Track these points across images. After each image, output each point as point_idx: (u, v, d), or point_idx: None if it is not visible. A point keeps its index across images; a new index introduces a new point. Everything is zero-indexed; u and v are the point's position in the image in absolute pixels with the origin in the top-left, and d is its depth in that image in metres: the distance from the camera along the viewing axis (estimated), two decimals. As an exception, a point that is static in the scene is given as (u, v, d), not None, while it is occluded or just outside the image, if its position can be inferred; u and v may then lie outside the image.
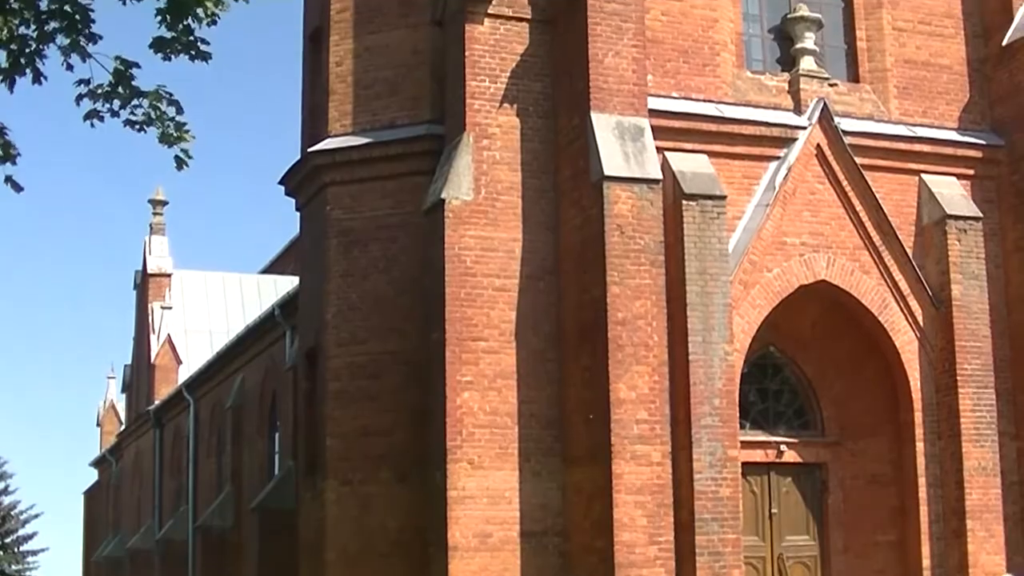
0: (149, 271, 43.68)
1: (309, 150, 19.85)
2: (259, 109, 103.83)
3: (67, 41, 9.98)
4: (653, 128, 17.39)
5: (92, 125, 10.26)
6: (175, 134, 10.15)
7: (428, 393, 17.62)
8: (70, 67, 10.09)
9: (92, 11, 9.78)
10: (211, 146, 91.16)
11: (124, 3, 10.41)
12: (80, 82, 10.11)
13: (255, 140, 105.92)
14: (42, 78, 10.14)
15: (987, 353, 18.89)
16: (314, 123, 20.43)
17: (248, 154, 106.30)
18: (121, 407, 53.13)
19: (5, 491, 55.85)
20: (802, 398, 19.56)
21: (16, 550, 55.33)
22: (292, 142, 22.59)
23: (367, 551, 18.48)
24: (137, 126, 10.17)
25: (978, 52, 20.41)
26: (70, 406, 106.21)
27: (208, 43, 10.07)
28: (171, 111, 10.15)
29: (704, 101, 18.56)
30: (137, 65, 10.11)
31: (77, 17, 9.89)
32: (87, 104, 10.20)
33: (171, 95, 10.16)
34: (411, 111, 19.34)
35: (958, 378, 18.57)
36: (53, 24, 9.95)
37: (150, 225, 44.32)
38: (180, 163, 10.33)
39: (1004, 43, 20.03)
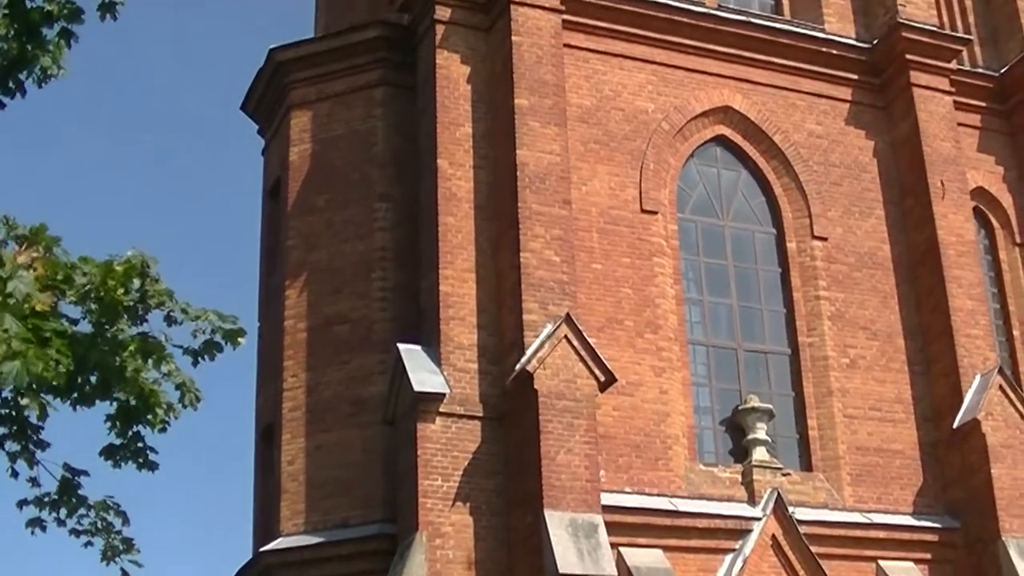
0: None
1: (261, 549, 20.13)
2: (209, 505, 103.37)
3: (16, 447, 10.30)
4: (607, 524, 17.82)
5: (33, 533, 10.46)
6: (121, 547, 10.42)
7: None
8: (15, 473, 10.35)
9: (42, 428, 10.18)
10: (159, 543, 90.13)
11: (75, 409, 10.95)
12: (29, 479, 10.36)
13: (204, 538, 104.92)
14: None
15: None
16: (266, 520, 20.81)
17: (198, 552, 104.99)
18: None
19: None
20: None
21: None
22: (244, 537, 22.89)
23: None
24: (83, 537, 10.44)
25: (929, 436, 21.26)
26: None
27: (157, 452, 10.47)
28: (118, 522, 10.46)
29: (658, 495, 19.14)
30: (86, 473, 10.41)
31: (27, 423, 10.29)
32: (30, 510, 10.44)
33: (118, 505, 10.46)
34: (363, 510, 19.76)
35: None
36: (0, 430, 10.28)
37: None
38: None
39: (955, 426, 20.88)
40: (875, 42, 23.36)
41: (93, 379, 9.76)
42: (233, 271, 59.11)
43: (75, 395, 9.92)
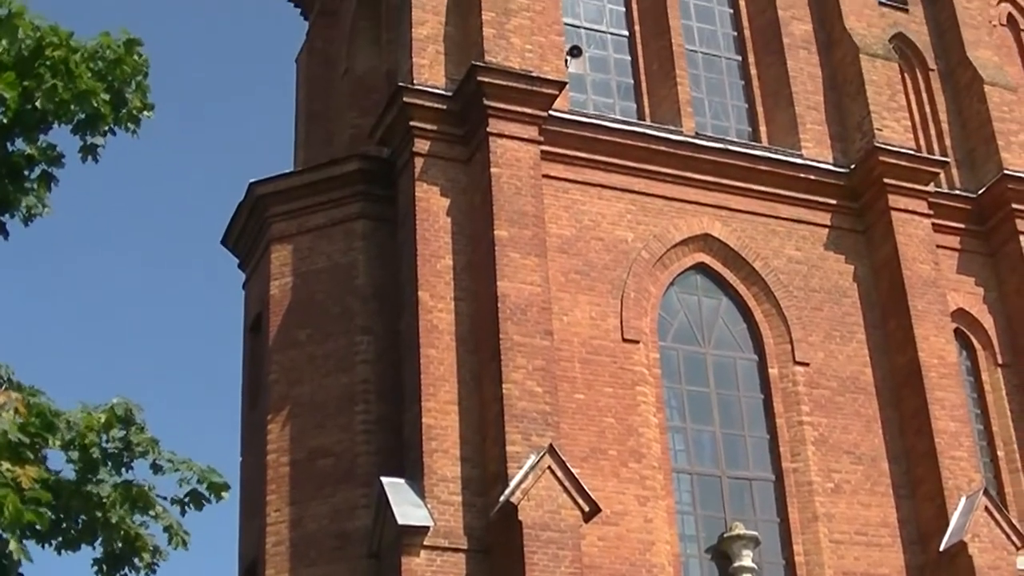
0: None
1: None
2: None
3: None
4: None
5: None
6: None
7: None
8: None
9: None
10: None
11: (59, 553, 11.24)
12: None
13: None
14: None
15: None
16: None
17: None
18: None
19: None
20: None
21: None
22: None
23: None
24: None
25: (916, 559, 21.53)
26: None
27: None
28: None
29: (645, 625, 19.32)
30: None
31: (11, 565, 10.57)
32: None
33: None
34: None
35: None
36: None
37: None
38: None
39: (941, 548, 21.16)
40: (853, 167, 24.02)
41: (78, 524, 10.05)
42: (215, 405, 59.35)
43: (59, 539, 10.21)
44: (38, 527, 9.21)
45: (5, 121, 10.82)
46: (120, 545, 10.23)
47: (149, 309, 60.25)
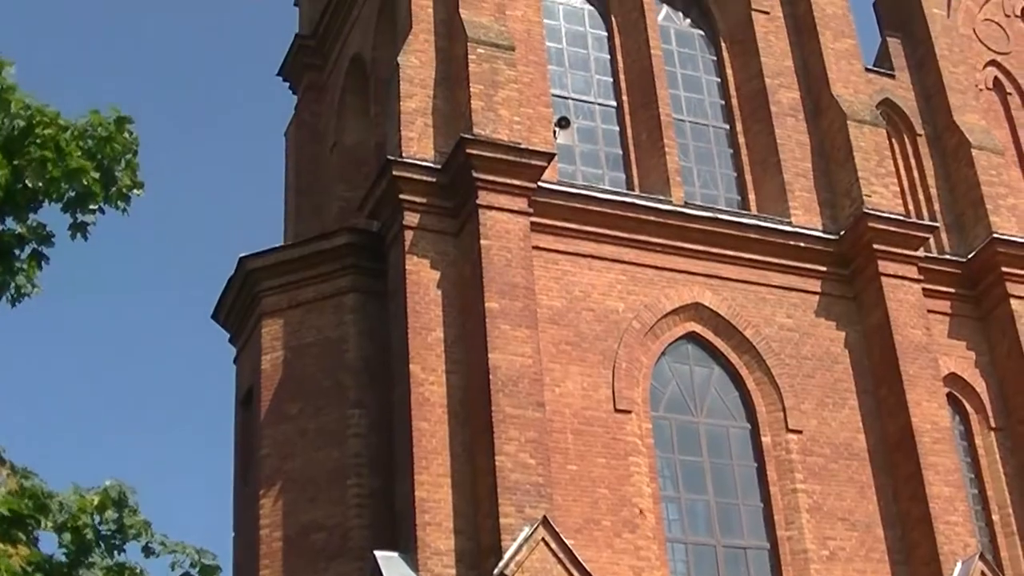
0: None
1: None
2: None
3: None
4: None
5: None
6: None
7: None
8: None
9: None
10: None
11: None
12: None
13: None
14: None
15: None
16: None
17: None
18: None
19: None
20: None
21: None
22: None
23: None
24: None
25: None
26: None
27: None
28: None
29: None
30: None
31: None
32: None
33: None
34: None
35: None
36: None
37: None
38: None
39: None
40: (842, 233, 24.24)
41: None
42: (207, 480, 59.24)
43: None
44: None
45: (-4, 200, 10.92)
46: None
47: (140, 385, 60.27)
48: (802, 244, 24.05)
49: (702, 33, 26.83)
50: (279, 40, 45.78)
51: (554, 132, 23.73)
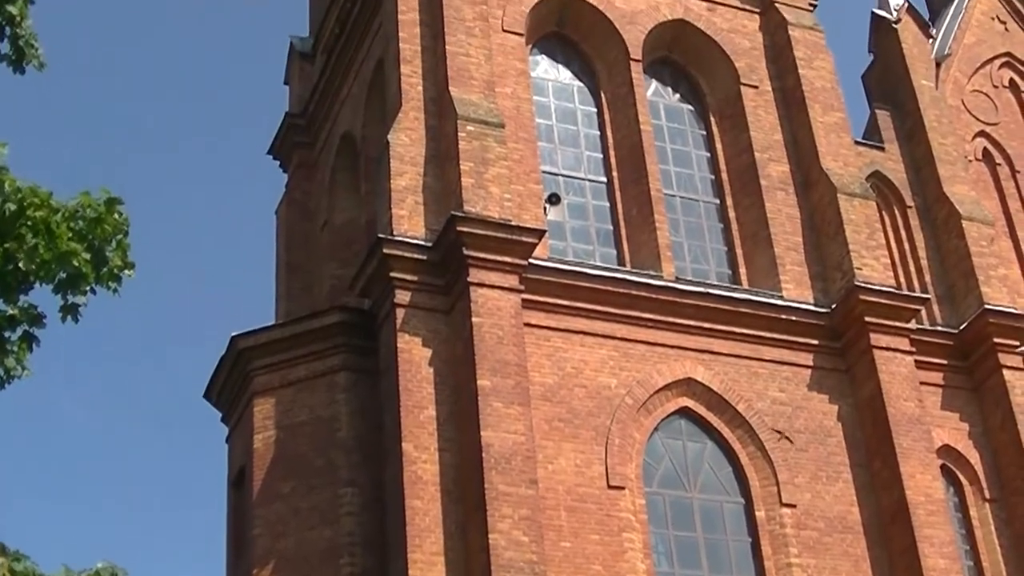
0: None
1: None
2: None
3: None
4: None
5: None
6: None
7: None
8: None
9: None
10: None
11: None
12: None
13: None
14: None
15: None
16: None
17: None
18: None
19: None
20: None
21: None
22: None
23: None
24: None
25: None
26: None
27: None
28: None
29: None
30: None
31: None
32: None
33: None
34: None
35: None
36: None
37: None
38: None
39: None
40: (834, 306, 24.39)
41: None
42: (200, 561, 58.94)
43: None
44: None
45: (-13, 283, 11.00)
46: None
47: (131, 465, 60.14)
48: (794, 318, 24.19)
49: (691, 108, 27.12)
50: (269, 119, 46.21)
51: (544, 209, 23.93)
